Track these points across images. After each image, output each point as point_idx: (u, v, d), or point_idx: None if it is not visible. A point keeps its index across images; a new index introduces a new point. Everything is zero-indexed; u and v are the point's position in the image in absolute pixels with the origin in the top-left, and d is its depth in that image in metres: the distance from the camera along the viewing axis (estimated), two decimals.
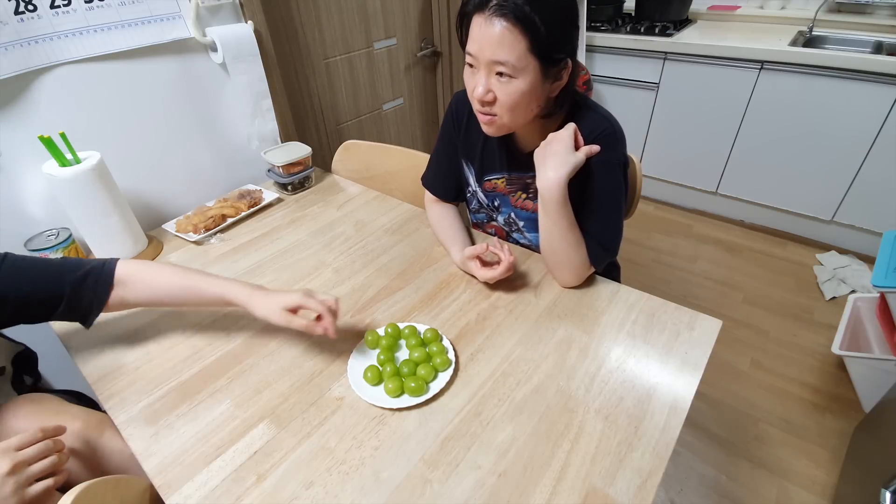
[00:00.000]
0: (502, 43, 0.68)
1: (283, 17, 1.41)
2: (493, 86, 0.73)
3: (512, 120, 0.76)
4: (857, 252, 2.00)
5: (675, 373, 0.70)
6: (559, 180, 0.76)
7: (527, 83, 0.71)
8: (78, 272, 0.71)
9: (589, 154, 0.78)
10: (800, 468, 1.28)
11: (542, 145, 0.80)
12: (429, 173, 1.05)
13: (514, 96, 0.72)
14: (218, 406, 0.69)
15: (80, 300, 0.71)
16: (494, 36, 0.68)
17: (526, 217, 0.94)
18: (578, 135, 0.79)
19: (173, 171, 1.19)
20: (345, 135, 1.77)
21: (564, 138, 0.77)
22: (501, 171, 0.93)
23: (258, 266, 0.99)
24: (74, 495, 0.53)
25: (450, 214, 1.01)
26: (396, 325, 0.78)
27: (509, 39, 0.68)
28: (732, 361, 1.60)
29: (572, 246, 0.82)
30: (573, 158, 0.76)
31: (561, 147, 0.77)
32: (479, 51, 0.71)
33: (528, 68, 0.70)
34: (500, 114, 0.75)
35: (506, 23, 0.67)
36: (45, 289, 0.69)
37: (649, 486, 0.56)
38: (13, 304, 0.66)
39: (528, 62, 0.69)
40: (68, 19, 0.92)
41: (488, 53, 0.70)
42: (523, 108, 0.75)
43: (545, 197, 0.79)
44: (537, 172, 0.80)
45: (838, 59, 1.69)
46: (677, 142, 2.23)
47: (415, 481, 0.58)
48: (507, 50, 0.68)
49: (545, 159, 0.78)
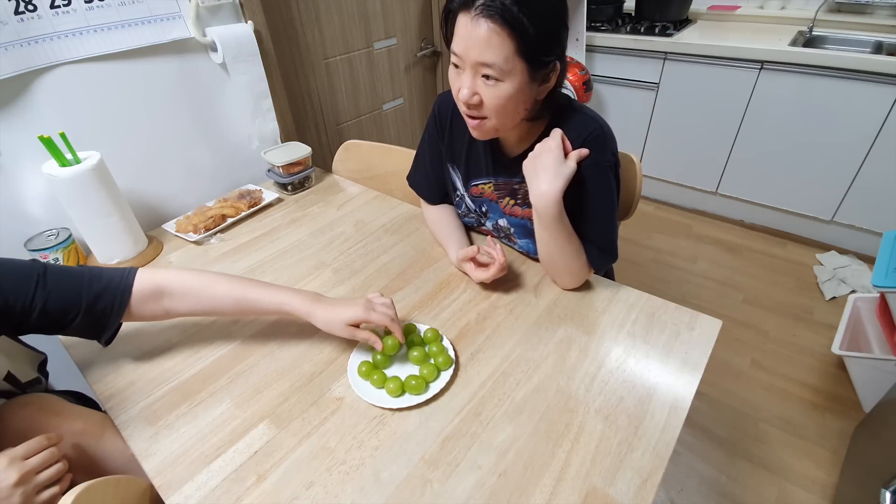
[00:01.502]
0: (489, 44, 0.65)
1: (283, 17, 1.41)
2: (478, 88, 0.71)
3: (500, 123, 0.74)
4: (857, 252, 2.00)
5: (675, 373, 0.70)
6: (554, 194, 0.74)
7: (514, 86, 0.69)
8: (96, 285, 0.66)
9: (579, 159, 0.76)
10: (800, 468, 1.28)
11: (530, 157, 0.78)
12: (414, 173, 1.04)
13: (501, 99, 0.70)
14: (218, 406, 0.69)
15: (94, 314, 0.66)
16: (481, 37, 0.65)
17: (516, 223, 0.92)
18: (566, 141, 0.77)
19: (173, 171, 1.19)
20: (345, 135, 1.77)
21: (553, 149, 0.75)
22: (487, 177, 0.91)
23: (258, 266, 0.99)
24: (74, 495, 0.53)
25: (446, 214, 1.01)
26: None
27: (496, 41, 0.65)
28: (732, 361, 1.60)
29: (571, 255, 0.81)
30: (566, 170, 0.74)
31: (551, 159, 0.74)
32: (464, 51, 0.68)
33: (515, 70, 0.68)
34: (487, 116, 0.74)
35: (493, 24, 0.64)
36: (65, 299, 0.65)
37: (649, 486, 0.56)
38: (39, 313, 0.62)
39: (515, 64, 0.67)
40: (68, 19, 0.92)
41: (474, 55, 0.67)
42: (511, 111, 0.73)
43: (541, 212, 0.77)
44: (529, 187, 0.78)
45: (838, 59, 1.69)
46: (677, 142, 2.23)
47: (415, 481, 0.58)
48: (494, 52, 0.66)
49: (537, 173, 0.76)
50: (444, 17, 0.73)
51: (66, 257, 0.96)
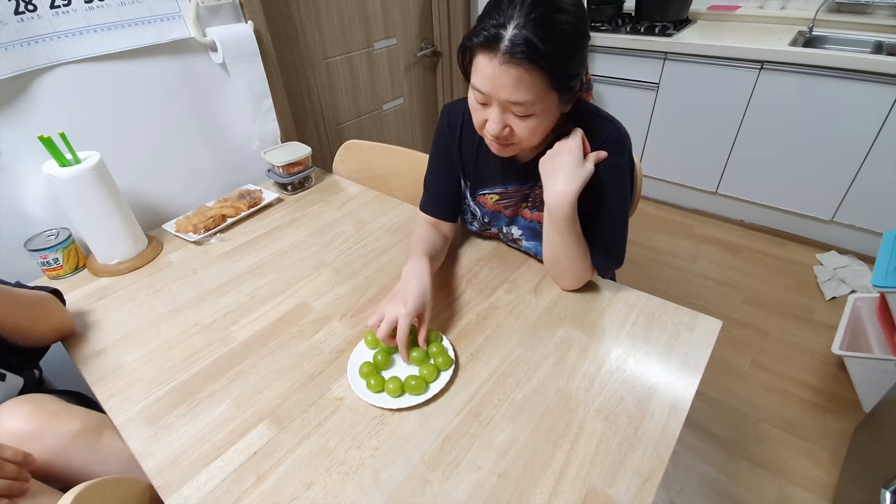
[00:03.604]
0: (520, 85, 0.63)
1: (283, 17, 1.41)
2: (509, 121, 0.69)
3: (528, 144, 0.73)
4: (857, 252, 2.00)
5: (675, 373, 0.70)
6: (569, 196, 0.73)
7: (546, 115, 0.68)
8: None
9: (597, 161, 0.75)
10: (800, 468, 1.28)
11: (548, 155, 0.76)
12: (430, 201, 0.96)
13: (534, 130, 0.69)
14: (218, 406, 0.69)
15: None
16: (509, 80, 0.63)
17: (524, 225, 0.91)
18: (586, 141, 0.76)
19: (173, 171, 1.19)
20: (345, 135, 1.77)
21: (573, 149, 0.73)
22: (495, 185, 0.90)
23: (258, 266, 0.99)
24: (74, 495, 0.53)
25: (428, 234, 0.91)
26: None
27: (527, 81, 0.63)
28: (732, 361, 1.60)
29: (577, 258, 0.80)
30: (583, 172, 0.73)
31: (570, 159, 0.73)
32: (491, 91, 0.65)
33: (546, 101, 0.66)
34: (516, 143, 0.72)
35: (521, 68, 0.61)
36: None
37: (649, 486, 0.56)
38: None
39: (547, 96, 0.65)
40: (68, 19, 0.92)
41: (504, 95, 0.65)
42: (541, 134, 0.72)
43: (554, 211, 0.76)
44: (545, 185, 0.76)
45: (838, 59, 1.69)
46: (677, 142, 2.23)
47: (415, 482, 0.58)
48: (525, 92, 0.63)
49: (554, 172, 0.74)
50: (461, 52, 0.69)
51: (65, 257, 0.96)
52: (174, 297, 0.92)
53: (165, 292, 0.93)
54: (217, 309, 0.88)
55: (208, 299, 0.90)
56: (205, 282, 0.95)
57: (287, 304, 0.88)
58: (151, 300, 0.91)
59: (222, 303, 0.89)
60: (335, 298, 0.89)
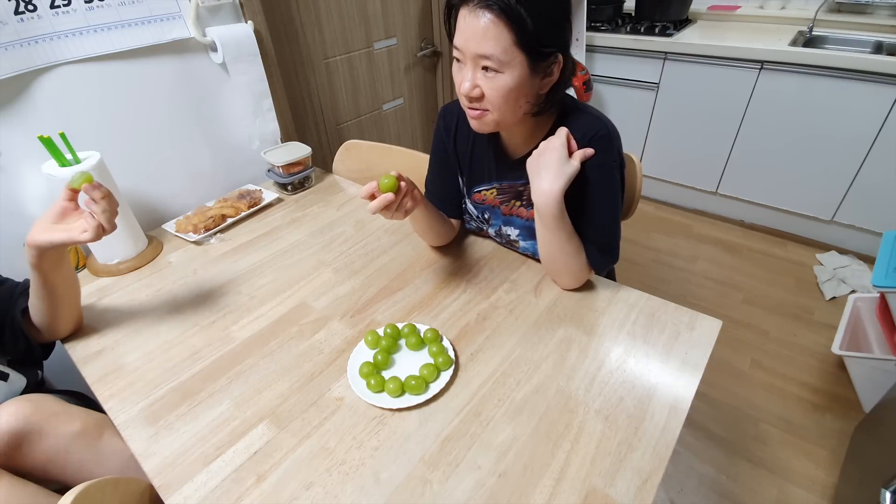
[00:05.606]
0: (487, 36, 0.66)
1: (283, 17, 1.41)
2: (479, 80, 0.70)
3: (500, 116, 0.74)
4: (857, 252, 2.00)
5: (675, 373, 0.70)
6: (555, 193, 0.74)
7: (514, 78, 0.69)
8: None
9: (584, 159, 0.76)
10: (800, 468, 1.28)
11: (534, 155, 0.78)
12: (427, 198, 0.97)
13: (501, 91, 0.70)
14: (217, 406, 0.69)
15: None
16: (479, 28, 0.66)
17: (521, 225, 0.92)
18: (571, 140, 0.77)
19: (173, 171, 1.19)
20: (345, 135, 1.77)
21: (557, 147, 0.75)
22: (490, 182, 0.91)
23: (258, 266, 0.99)
24: (74, 495, 0.53)
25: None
26: (396, 326, 0.78)
27: (494, 32, 0.65)
28: (732, 361, 1.60)
29: (571, 255, 0.81)
30: (568, 169, 0.74)
31: (554, 157, 0.75)
32: (464, 44, 0.69)
33: (514, 62, 0.68)
34: (489, 109, 0.73)
35: (491, 15, 0.65)
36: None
37: (649, 487, 0.56)
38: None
39: (513, 56, 0.67)
40: (68, 19, 0.92)
41: (473, 46, 0.67)
42: (512, 103, 0.72)
43: (542, 210, 0.77)
44: (532, 184, 0.78)
45: (838, 59, 1.69)
46: (677, 142, 2.23)
47: (415, 482, 0.58)
48: (492, 43, 0.66)
49: (539, 171, 0.76)
50: (446, 12, 0.73)
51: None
52: (174, 298, 0.92)
53: (165, 292, 0.93)
54: (217, 309, 0.88)
55: (208, 299, 0.90)
56: (205, 282, 0.95)
57: (287, 304, 0.88)
58: (151, 300, 0.91)
59: (222, 303, 0.89)
60: (335, 298, 0.89)
